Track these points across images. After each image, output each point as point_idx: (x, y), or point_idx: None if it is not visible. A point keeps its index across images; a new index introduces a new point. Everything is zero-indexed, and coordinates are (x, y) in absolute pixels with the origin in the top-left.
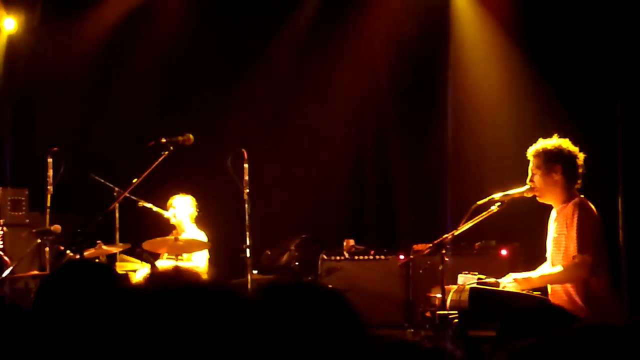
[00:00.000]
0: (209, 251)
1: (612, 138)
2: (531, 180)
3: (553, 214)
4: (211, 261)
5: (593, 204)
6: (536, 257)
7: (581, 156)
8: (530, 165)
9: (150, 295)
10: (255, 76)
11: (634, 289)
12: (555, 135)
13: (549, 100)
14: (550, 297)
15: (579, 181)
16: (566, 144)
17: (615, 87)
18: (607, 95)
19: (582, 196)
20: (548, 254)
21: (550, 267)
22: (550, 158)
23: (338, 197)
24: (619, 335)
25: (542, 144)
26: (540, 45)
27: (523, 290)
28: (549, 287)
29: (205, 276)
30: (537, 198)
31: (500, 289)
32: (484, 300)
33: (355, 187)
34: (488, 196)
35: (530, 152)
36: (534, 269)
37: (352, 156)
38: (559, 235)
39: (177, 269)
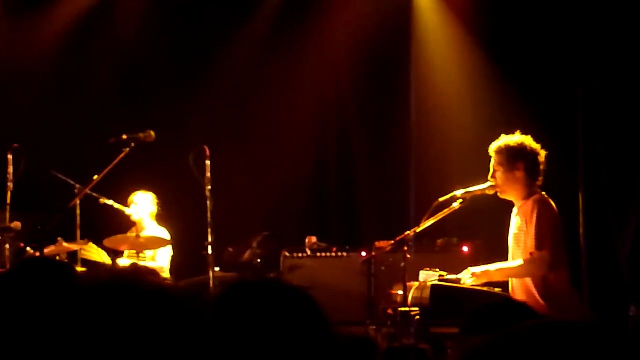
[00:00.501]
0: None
1: (573, 136)
2: (493, 177)
3: (514, 210)
4: (174, 259)
5: (554, 202)
6: (498, 254)
7: (543, 153)
8: (492, 162)
9: (86, 292)
10: (217, 74)
11: (594, 286)
12: (518, 132)
13: (511, 98)
14: (511, 294)
15: (540, 178)
16: (528, 141)
17: (576, 84)
18: (568, 93)
19: (542, 193)
20: (509, 251)
21: (509, 262)
22: (513, 155)
23: (300, 194)
24: (573, 332)
25: (505, 140)
26: (502, 44)
27: (483, 285)
28: (510, 284)
29: (167, 274)
30: (499, 194)
31: (461, 285)
32: (445, 297)
33: (317, 184)
34: (450, 193)
35: (493, 148)
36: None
37: (315, 153)
38: (519, 232)
39: (134, 266)
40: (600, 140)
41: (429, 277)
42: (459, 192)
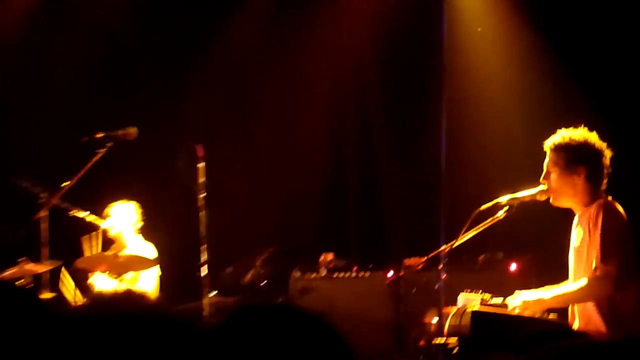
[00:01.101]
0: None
1: None
2: (545, 179)
3: (575, 220)
4: (162, 281)
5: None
6: (554, 272)
7: (608, 154)
8: (547, 160)
9: (86, 322)
10: (213, 60)
11: None
12: (582, 127)
13: (568, 87)
14: (570, 321)
15: (604, 181)
16: (593, 139)
17: None
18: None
19: (608, 197)
20: (570, 269)
21: (570, 284)
22: (573, 156)
23: (314, 203)
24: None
25: (564, 136)
26: (558, 21)
27: (535, 313)
28: (570, 308)
29: (154, 299)
30: (552, 201)
31: (508, 312)
32: (489, 326)
33: (334, 191)
34: (493, 200)
35: (549, 144)
36: (549, 285)
37: (331, 154)
38: (581, 244)
39: (121, 291)
40: None
41: (469, 301)
42: (503, 199)
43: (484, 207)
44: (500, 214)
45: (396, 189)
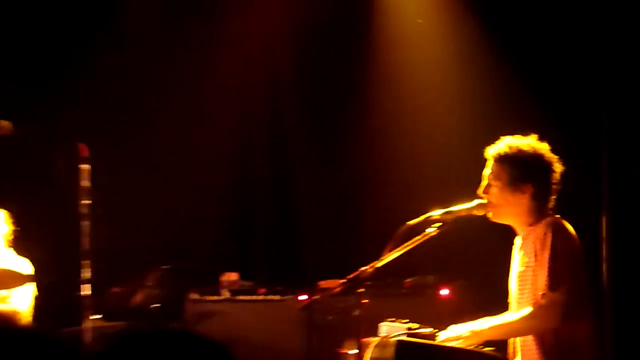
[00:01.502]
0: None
1: (595, 140)
2: (486, 192)
3: (517, 241)
4: (36, 301)
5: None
6: (492, 300)
7: (558, 169)
8: (488, 170)
9: None
10: (102, 49)
11: (623, 338)
12: (533, 136)
13: (516, 90)
14: (510, 356)
15: (552, 199)
16: (543, 151)
17: (603, 78)
18: (592, 87)
19: (556, 216)
20: (512, 296)
21: (511, 314)
22: (519, 174)
23: (216, 214)
24: None
25: (511, 146)
26: (504, 13)
27: (471, 345)
28: (510, 341)
29: (28, 320)
30: (492, 217)
31: (438, 343)
32: (415, 358)
33: (240, 201)
34: (424, 214)
35: (492, 152)
36: (488, 315)
37: (238, 160)
38: (525, 269)
39: None
40: (635, 147)
41: (394, 330)
42: (435, 213)
43: (412, 222)
44: (432, 230)
45: (312, 200)
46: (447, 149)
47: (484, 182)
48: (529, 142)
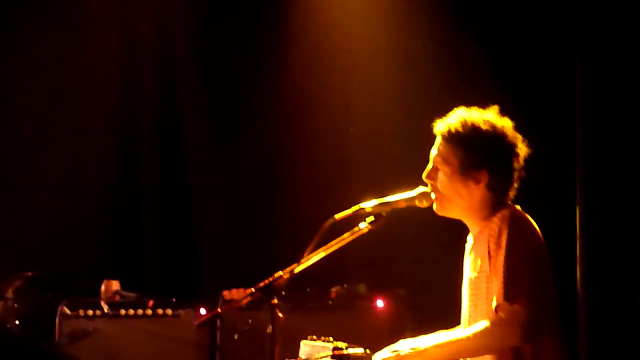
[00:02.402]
0: None
1: (567, 116)
2: (430, 178)
3: (470, 240)
4: None
5: (533, 219)
6: (438, 313)
7: (522, 152)
8: (434, 149)
9: None
10: None
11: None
12: (492, 109)
13: (467, 51)
14: None
15: (512, 189)
16: (504, 129)
17: (574, 44)
18: (564, 56)
19: (515, 206)
20: (463, 307)
21: (462, 330)
22: (472, 158)
23: (92, 210)
24: None
25: (464, 121)
26: None
27: None
28: None
29: None
30: (437, 209)
31: None
32: None
33: (122, 194)
34: (353, 206)
35: (441, 128)
36: (432, 332)
37: (117, 138)
38: (478, 275)
39: None
40: (612, 121)
41: (317, 351)
42: (368, 204)
43: (339, 215)
44: (364, 226)
45: (212, 189)
46: (384, 125)
47: (429, 165)
48: (488, 118)
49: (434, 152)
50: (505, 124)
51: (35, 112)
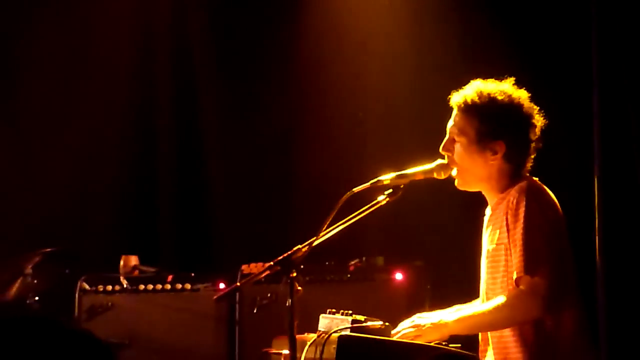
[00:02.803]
0: None
1: (585, 88)
2: (447, 150)
3: (487, 211)
4: None
5: (553, 192)
6: (456, 286)
7: (539, 123)
8: (451, 121)
9: None
10: None
11: (619, 327)
12: (509, 79)
13: (483, 25)
14: (482, 352)
15: (529, 160)
16: (521, 100)
17: (590, 15)
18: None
19: (533, 178)
20: (482, 280)
21: (482, 303)
22: (489, 129)
23: (108, 185)
24: None
25: (480, 92)
26: None
27: (434, 341)
28: (480, 337)
29: None
30: (456, 183)
31: (392, 338)
32: (362, 358)
33: (140, 170)
34: (371, 179)
35: (457, 100)
36: (451, 305)
37: (133, 114)
38: (496, 247)
39: None
40: (629, 92)
41: (335, 324)
42: (386, 177)
43: (357, 189)
44: (382, 198)
45: (229, 163)
46: (400, 96)
47: (447, 137)
48: (504, 89)
49: (450, 123)
50: (522, 94)
51: (54, 92)
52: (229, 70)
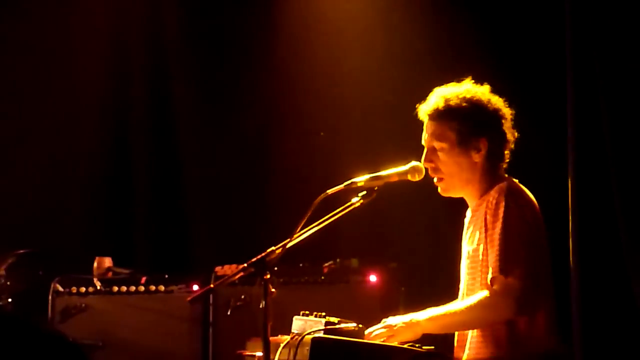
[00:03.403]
0: None
1: (558, 85)
2: (429, 160)
3: (468, 214)
4: None
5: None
6: (431, 287)
7: (508, 115)
8: (425, 134)
9: None
10: None
11: (590, 338)
12: (467, 80)
13: (459, 30)
14: (457, 351)
15: (506, 156)
16: (487, 95)
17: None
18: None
19: (512, 179)
20: (462, 282)
21: (455, 303)
22: (470, 127)
23: (82, 185)
24: None
25: (449, 96)
26: None
27: (407, 342)
28: (455, 337)
29: None
30: (442, 192)
31: (364, 340)
32: (334, 359)
33: (114, 172)
34: (345, 181)
35: (427, 110)
36: (427, 306)
37: (108, 112)
38: (476, 247)
39: None
40: (603, 88)
41: (309, 326)
42: (360, 179)
43: (331, 190)
44: (356, 200)
45: (203, 162)
46: (376, 96)
47: (425, 150)
48: (468, 88)
49: (424, 136)
50: (485, 90)
51: (26, 92)
52: (204, 67)
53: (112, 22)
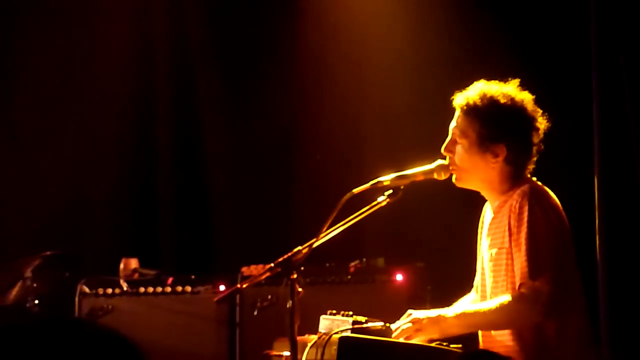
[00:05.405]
0: None
1: (584, 89)
2: (448, 150)
3: (487, 214)
4: None
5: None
6: (458, 286)
7: (542, 125)
8: (454, 122)
9: None
10: None
11: (618, 340)
12: (513, 83)
13: (485, 28)
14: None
15: (531, 162)
16: (524, 103)
17: (589, 14)
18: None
19: (534, 180)
20: (477, 281)
21: (484, 302)
22: (490, 132)
23: (108, 188)
24: None
25: (483, 93)
26: None
27: (432, 340)
28: (480, 338)
29: None
30: (456, 182)
31: (392, 339)
32: (363, 358)
33: (140, 172)
34: (371, 180)
35: (460, 101)
36: (450, 303)
37: (132, 116)
38: (499, 250)
39: None
40: (629, 92)
41: (336, 325)
42: (386, 178)
43: (357, 190)
44: (382, 199)
45: (228, 164)
46: (400, 96)
47: (448, 138)
48: (507, 91)
49: (452, 124)
50: (525, 97)
51: (52, 95)
52: (228, 71)
53: (136, 30)
